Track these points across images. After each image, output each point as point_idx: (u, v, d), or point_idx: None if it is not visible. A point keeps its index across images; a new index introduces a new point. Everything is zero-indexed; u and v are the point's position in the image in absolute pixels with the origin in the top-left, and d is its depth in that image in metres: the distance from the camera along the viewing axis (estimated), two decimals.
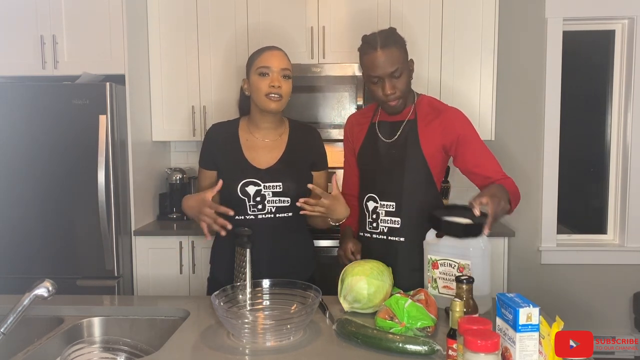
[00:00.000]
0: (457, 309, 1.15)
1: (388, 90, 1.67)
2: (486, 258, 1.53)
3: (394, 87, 1.67)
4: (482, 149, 1.73)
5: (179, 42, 3.04)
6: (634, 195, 3.23)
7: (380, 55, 1.63)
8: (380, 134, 1.81)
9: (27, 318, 1.41)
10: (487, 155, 1.73)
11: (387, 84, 1.66)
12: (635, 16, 3.15)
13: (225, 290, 1.48)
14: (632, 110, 3.20)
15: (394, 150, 1.76)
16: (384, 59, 1.63)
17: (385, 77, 1.66)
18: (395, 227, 1.75)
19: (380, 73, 1.65)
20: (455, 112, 1.76)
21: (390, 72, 1.65)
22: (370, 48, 1.65)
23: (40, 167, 2.70)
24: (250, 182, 1.73)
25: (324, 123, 2.96)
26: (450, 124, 1.72)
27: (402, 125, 1.76)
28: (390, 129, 1.79)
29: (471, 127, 1.75)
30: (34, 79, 2.85)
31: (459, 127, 1.72)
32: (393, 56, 1.64)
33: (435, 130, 1.72)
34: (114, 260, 2.71)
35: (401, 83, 1.68)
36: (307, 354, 1.30)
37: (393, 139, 1.77)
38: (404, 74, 1.68)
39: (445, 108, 1.78)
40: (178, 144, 3.42)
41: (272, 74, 1.71)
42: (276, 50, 1.76)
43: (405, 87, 1.70)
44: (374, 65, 1.65)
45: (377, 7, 2.96)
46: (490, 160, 1.73)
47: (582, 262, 3.28)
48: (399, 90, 1.68)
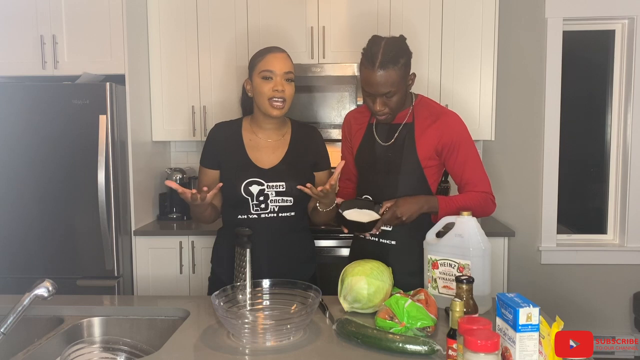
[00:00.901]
0: (457, 309, 1.15)
1: (378, 107, 1.67)
2: (486, 258, 1.53)
3: (384, 105, 1.67)
4: (471, 158, 1.73)
5: (179, 42, 3.04)
6: (634, 195, 3.23)
7: (376, 75, 1.61)
8: (377, 136, 1.80)
9: (27, 318, 1.41)
10: (473, 165, 1.73)
11: (378, 102, 1.66)
12: (635, 16, 3.15)
13: (225, 290, 1.48)
14: (632, 110, 3.20)
15: (390, 154, 1.77)
16: (378, 80, 1.61)
17: (377, 96, 1.66)
18: (387, 231, 1.75)
19: (372, 91, 1.65)
20: (453, 117, 1.75)
21: (383, 93, 1.64)
22: (369, 64, 1.63)
23: (40, 167, 2.70)
24: (253, 181, 1.73)
25: (324, 123, 2.96)
26: (447, 129, 1.72)
27: (399, 128, 1.76)
28: (387, 131, 1.79)
29: (466, 134, 1.74)
30: (34, 79, 2.85)
31: (453, 133, 1.72)
32: (389, 79, 1.61)
33: (432, 135, 1.72)
34: (114, 260, 2.71)
35: (393, 102, 1.67)
36: (307, 354, 1.30)
37: (389, 142, 1.77)
38: (398, 94, 1.66)
39: (443, 112, 1.77)
40: (178, 144, 3.42)
41: (275, 77, 1.70)
42: (279, 53, 1.75)
43: (396, 105, 1.69)
44: (368, 82, 1.64)
45: (377, 7, 2.96)
46: (474, 171, 1.73)
47: (582, 262, 3.28)
48: (389, 108, 1.68)
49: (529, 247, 3.30)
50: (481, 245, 1.52)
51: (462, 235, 1.53)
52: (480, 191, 1.73)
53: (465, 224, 1.54)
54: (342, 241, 2.75)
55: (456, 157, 1.72)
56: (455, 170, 1.75)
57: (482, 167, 1.77)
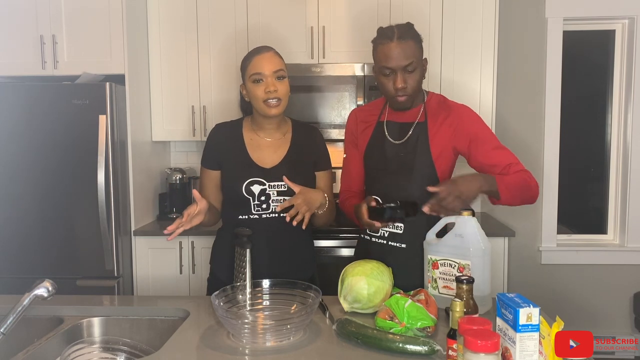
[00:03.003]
0: (457, 309, 1.15)
1: (399, 83, 1.60)
2: (486, 258, 1.53)
3: (405, 81, 1.61)
4: (495, 144, 1.68)
5: (179, 42, 3.04)
6: (634, 195, 3.23)
7: (395, 46, 1.57)
8: (388, 135, 1.75)
9: (27, 318, 1.41)
10: (500, 149, 1.68)
11: (399, 77, 1.60)
12: (635, 16, 3.15)
13: (225, 290, 1.48)
14: (632, 110, 3.20)
15: (402, 153, 1.71)
16: (398, 50, 1.57)
17: (398, 70, 1.60)
18: (397, 233, 1.71)
19: (393, 65, 1.59)
20: (464, 109, 1.72)
21: (403, 66, 1.59)
22: (386, 38, 1.59)
23: (40, 167, 2.69)
24: (255, 181, 1.73)
25: (324, 123, 2.96)
26: (461, 123, 1.68)
27: (411, 127, 1.71)
28: (399, 130, 1.74)
29: (481, 123, 1.70)
30: (34, 79, 2.85)
31: (469, 126, 1.68)
32: (408, 49, 1.58)
33: (446, 132, 1.68)
34: (114, 260, 2.70)
35: (413, 79, 1.62)
36: (307, 354, 1.30)
37: (402, 141, 1.72)
38: (417, 70, 1.62)
39: (454, 106, 1.73)
40: (178, 144, 3.42)
41: (265, 79, 1.70)
42: (266, 52, 1.74)
43: (417, 85, 1.64)
44: (387, 56, 1.59)
45: (377, 7, 2.96)
46: (504, 153, 1.67)
47: (582, 262, 3.28)
48: (410, 86, 1.62)
49: (529, 247, 3.29)
50: (481, 245, 1.52)
51: (462, 235, 1.53)
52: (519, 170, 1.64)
53: (465, 224, 1.54)
54: (342, 241, 2.75)
55: (480, 148, 1.66)
56: (483, 161, 1.67)
57: (506, 148, 1.69)
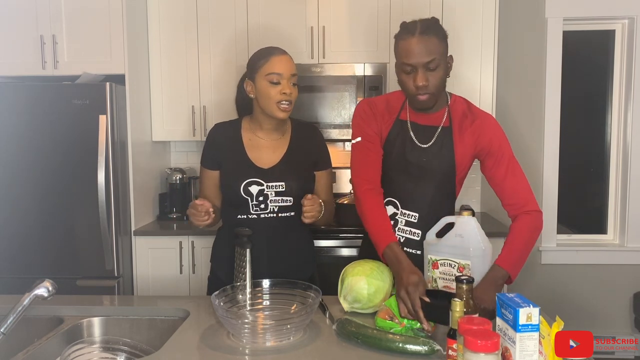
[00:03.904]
0: (457, 309, 1.15)
1: (420, 81, 1.51)
2: (486, 258, 1.53)
3: (426, 79, 1.52)
4: (511, 165, 1.62)
5: (179, 42, 3.04)
6: (634, 195, 3.23)
7: (417, 41, 1.50)
8: (415, 137, 1.66)
9: (27, 318, 1.41)
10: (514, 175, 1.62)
11: (420, 74, 1.51)
12: (635, 16, 3.15)
13: (225, 290, 1.48)
14: (632, 110, 3.20)
15: (425, 158, 1.64)
16: (420, 46, 1.49)
17: (419, 67, 1.51)
18: (414, 240, 1.67)
19: (414, 61, 1.51)
20: (489, 120, 1.67)
21: (425, 62, 1.50)
22: (408, 33, 1.52)
23: (41, 167, 2.69)
24: (253, 181, 1.73)
25: (324, 123, 2.96)
26: (483, 132, 1.63)
27: (436, 131, 1.64)
28: (423, 133, 1.66)
29: (504, 138, 1.65)
30: (34, 79, 2.85)
31: (491, 136, 1.63)
32: (431, 45, 1.50)
33: (469, 140, 1.64)
34: (114, 260, 2.70)
35: (435, 77, 1.53)
36: (307, 354, 1.30)
37: (427, 145, 1.65)
38: (440, 67, 1.53)
39: (479, 114, 1.67)
40: (178, 144, 3.42)
41: (283, 81, 1.70)
42: (284, 55, 1.74)
43: (439, 83, 1.55)
44: (408, 52, 1.51)
45: (377, 7, 2.96)
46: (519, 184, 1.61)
47: (582, 262, 3.28)
48: (431, 84, 1.53)
49: None
50: (481, 245, 1.52)
51: (462, 235, 1.53)
52: (528, 210, 1.59)
53: (465, 224, 1.54)
54: (342, 241, 2.75)
55: (496, 165, 1.62)
56: (495, 180, 1.64)
57: (524, 178, 1.63)
